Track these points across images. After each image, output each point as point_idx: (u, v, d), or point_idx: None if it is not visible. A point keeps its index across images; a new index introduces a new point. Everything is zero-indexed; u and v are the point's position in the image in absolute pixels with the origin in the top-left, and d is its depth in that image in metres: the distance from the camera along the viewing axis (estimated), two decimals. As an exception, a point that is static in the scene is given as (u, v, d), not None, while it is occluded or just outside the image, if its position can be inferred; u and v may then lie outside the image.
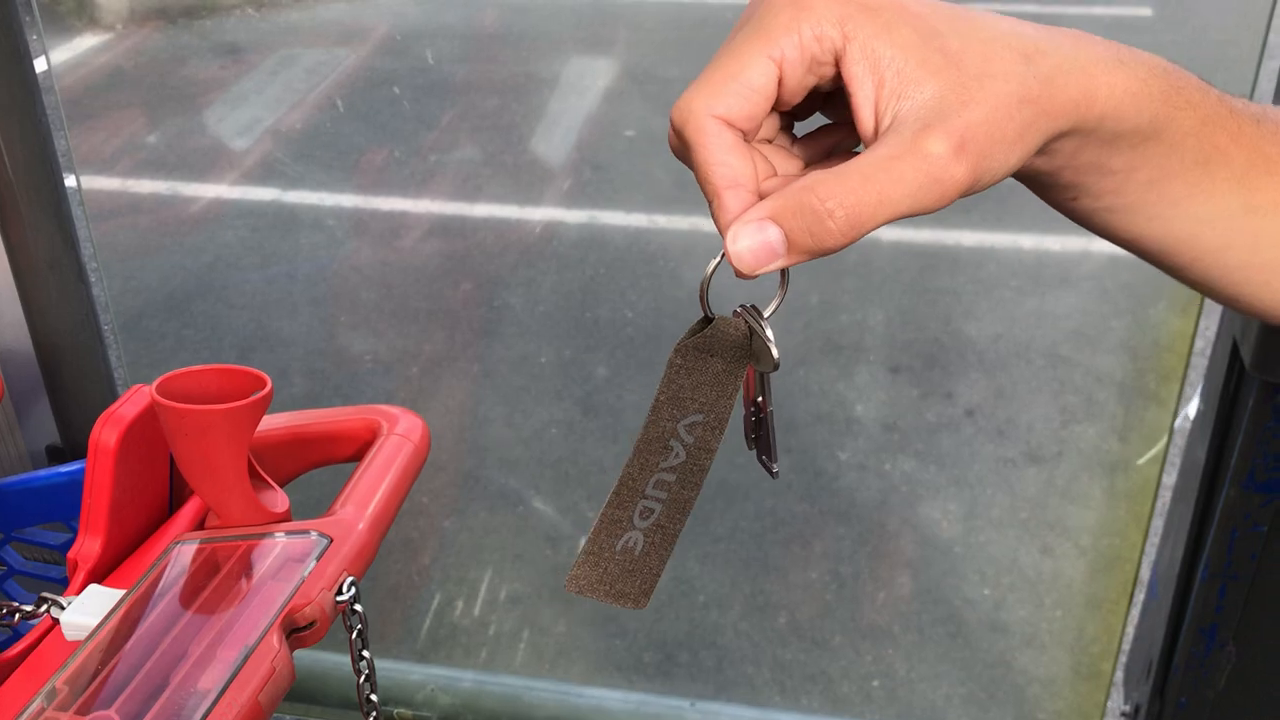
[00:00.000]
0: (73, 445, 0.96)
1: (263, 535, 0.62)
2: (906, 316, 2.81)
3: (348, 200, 3.25)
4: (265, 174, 3.35)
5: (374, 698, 0.64)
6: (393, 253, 3.08)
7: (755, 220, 0.42)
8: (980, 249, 3.10)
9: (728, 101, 0.42)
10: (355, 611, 0.61)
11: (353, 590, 0.61)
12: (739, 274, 0.44)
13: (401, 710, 1.18)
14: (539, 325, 2.83)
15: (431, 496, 2.23)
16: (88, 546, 0.67)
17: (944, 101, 0.42)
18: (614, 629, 2.00)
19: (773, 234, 0.42)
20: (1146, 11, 4.38)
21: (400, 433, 0.72)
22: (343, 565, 0.61)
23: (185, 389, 0.62)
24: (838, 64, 0.42)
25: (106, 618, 0.57)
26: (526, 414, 2.52)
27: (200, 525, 0.71)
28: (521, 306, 2.90)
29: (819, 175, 0.41)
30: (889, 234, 3.13)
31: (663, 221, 3.17)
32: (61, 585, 0.85)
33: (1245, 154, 0.49)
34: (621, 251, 3.14)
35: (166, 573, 0.60)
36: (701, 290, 0.48)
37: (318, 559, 0.61)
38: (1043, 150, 0.46)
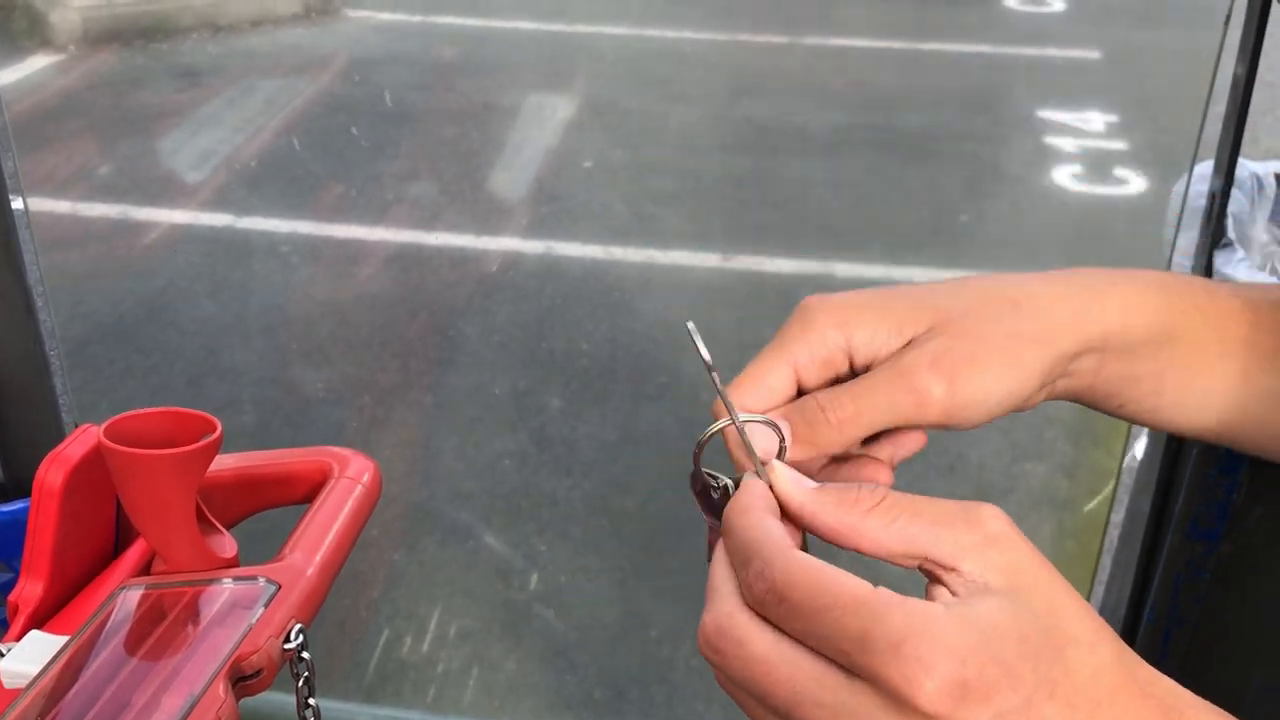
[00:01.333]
0: (16, 482, 0.94)
1: (210, 581, 0.61)
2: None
3: (303, 227, 3.24)
4: (219, 200, 3.32)
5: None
6: (347, 281, 3.06)
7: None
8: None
9: (751, 401, 0.51)
10: (303, 659, 0.60)
11: (300, 638, 0.60)
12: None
13: None
14: (494, 356, 2.82)
15: (381, 529, 2.21)
16: (29, 590, 0.66)
17: (929, 335, 0.50)
18: (564, 664, 1.99)
19: (782, 425, 0.49)
20: (1095, 54, 4.47)
21: (350, 475, 0.71)
22: (291, 612, 0.61)
23: (134, 431, 0.61)
24: (850, 357, 0.50)
25: (48, 665, 0.56)
26: (479, 445, 2.51)
27: (146, 570, 0.70)
28: (477, 336, 2.89)
29: (826, 389, 0.49)
30: (843, 270, 3.16)
31: (619, 253, 3.19)
32: (0, 627, 0.83)
33: (1271, 337, 0.54)
34: (578, 283, 3.14)
35: (111, 619, 0.59)
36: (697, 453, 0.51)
37: (265, 605, 0.60)
38: (1066, 373, 0.52)
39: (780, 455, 0.49)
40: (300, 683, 0.61)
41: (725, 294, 3.06)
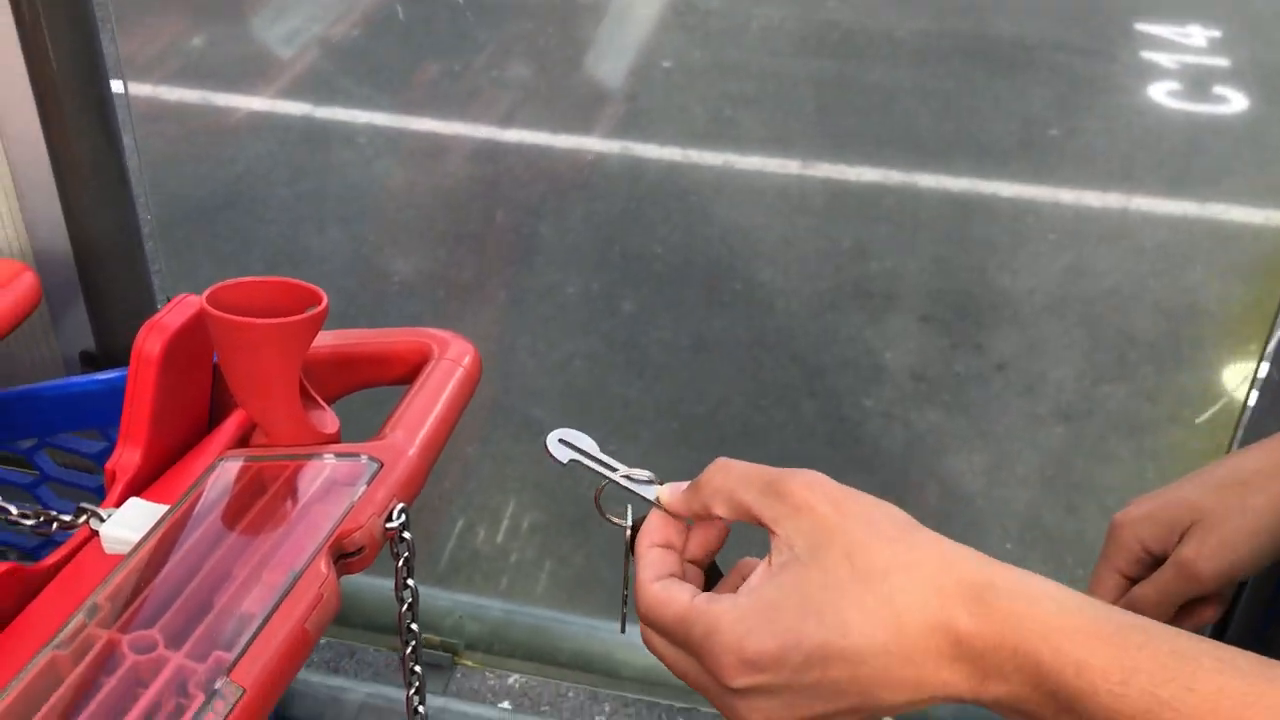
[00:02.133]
0: (107, 352, 0.94)
1: (311, 456, 0.60)
2: (940, 265, 2.77)
3: (380, 119, 3.21)
4: (298, 89, 3.30)
5: (414, 627, 0.63)
6: (423, 174, 3.04)
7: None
8: (1019, 201, 3.04)
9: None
10: (404, 539, 0.59)
11: (402, 517, 0.59)
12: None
13: (429, 636, 1.17)
14: (568, 256, 2.80)
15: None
16: (127, 457, 0.66)
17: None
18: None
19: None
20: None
21: (451, 357, 0.70)
22: (393, 491, 0.59)
23: (236, 300, 0.59)
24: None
25: (149, 534, 0.56)
26: (552, 345, 2.50)
27: (243, 441, 0.70)
28: (551, 236, 2.87)
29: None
30: (927, 181, 3.08)
31: (696, 156, 3.13)
32: (95, 495, 0.83)
33: None
34: (654, 185, 3.10)
35: (210, 490, 0.58)
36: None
37: (368, 483, 0.59)
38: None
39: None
40: (400, 563, 0.60)
41: (803, 201, 3.00)
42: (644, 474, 0.55)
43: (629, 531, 0.54)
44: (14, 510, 0.62)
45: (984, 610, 0.42)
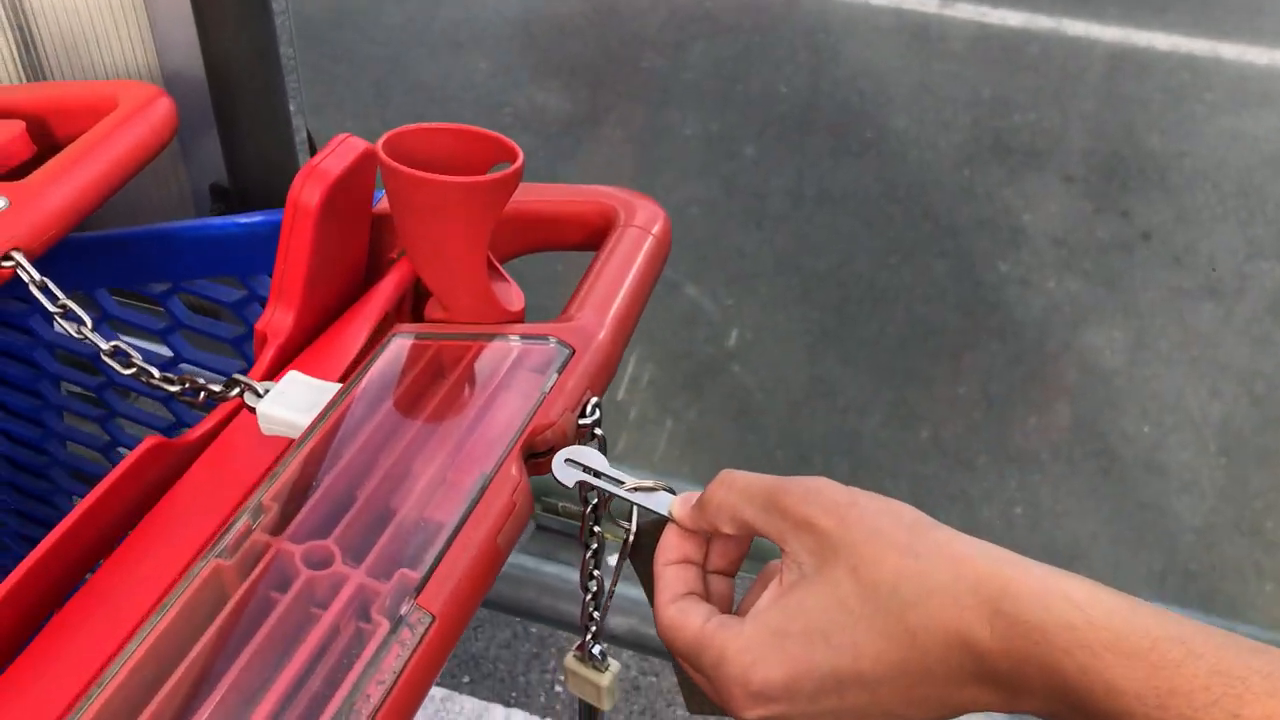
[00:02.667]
0: (240, 187, 0.86)
1: (495, 337, 0.52)
2: (1087, 122, 2.58)
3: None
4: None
5: (599, 529, 0.55)
6: (535, 1, 2.90)
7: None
8: (1175, 54, 2.81)
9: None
10: (595, 435, 0.51)
11: (595, 413, 0.51)
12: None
13: (565, 504, 1.11)
14: (686, 94, 2.66)
15: (566, 265, 2.14)
16: (279, 319, 0.58)
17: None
18: (747, 423, 1.92)
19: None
20: None
21: (639, 224, 0.60)
22: (585, 381, 0.51)
23: (411, 150, 0.51)
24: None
25: (317, 421, 0.48)
26: (667, 189, 2.39)
27: (402, 303, 0.62)
28: (669, 72, 2.72)
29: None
30: (1075, 28, 2.85)
31: (822, -12, 2.94)
32: (232, 345, 0.77)
33: None
34: (779, 20, 2.92)
35: (381, 371, 0.51)
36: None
37: (559, 371, 0.51)
38: None
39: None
40: (589, 462, 0.52)
41: (942, 43, 2.80)
42: (654, 484, 0.49)
43: (630, 538, 0.50)
44: (156, 374, 0.55)
45: (1004, 624, 0.38)
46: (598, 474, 0.48)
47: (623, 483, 0.48)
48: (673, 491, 0.49)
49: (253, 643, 0.39)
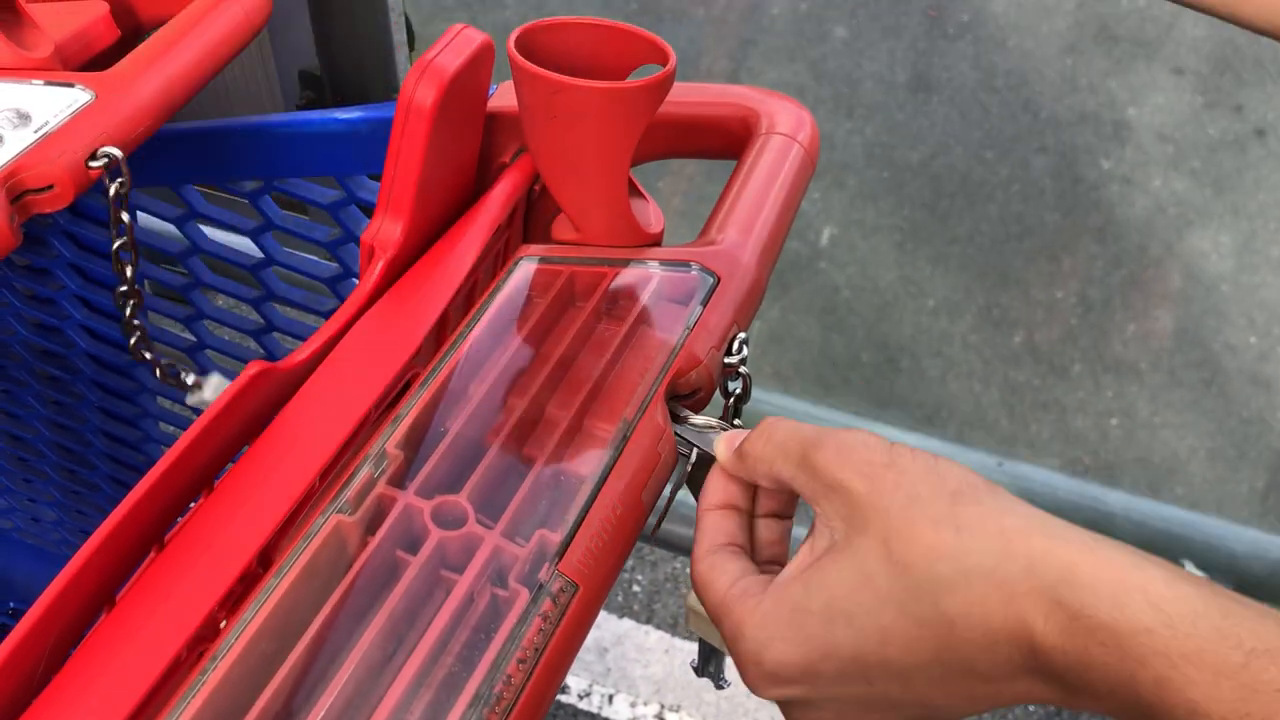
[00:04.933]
0: (332, 74, 0.80)
1: (631, 262, 0.46)
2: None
3: None
4: None
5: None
6: None
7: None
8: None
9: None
10: (741, 375, 0.46)
11: (743, 350, 0.46)
12: None
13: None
14: (773, -29, 2.54)
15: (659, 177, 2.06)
16: (387, 231, 0.53)
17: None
18: (832, 322, 1.86)
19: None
20: None
21: (784, 131, 0.54)
22: (732, 314, 0.46)
23: (546, 48, 0.45)
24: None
25: (439, 358, 0.43)
26: (753, 73, 2.29)
27: (513, 217, 0.57)
28: (756, -54, 2.59)
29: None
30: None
31: None
32: (329, 250, 0.72)
33: None
34: (872, -107, 2.76)
35: (508, 299, 0.46)
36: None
37: (704, 303, 0.45)
38: None
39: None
40: (731, 400, 0.47)
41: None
42: (709, 421, 0.44)
43: (689, 466, 0.44)
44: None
45: (1064, 618, 0.32)
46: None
47: (682, 417, 0.43)
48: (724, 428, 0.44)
49: (380, 612, 0.35)
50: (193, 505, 0.44)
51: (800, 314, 1.86)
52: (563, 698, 1.45)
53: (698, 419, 0.44)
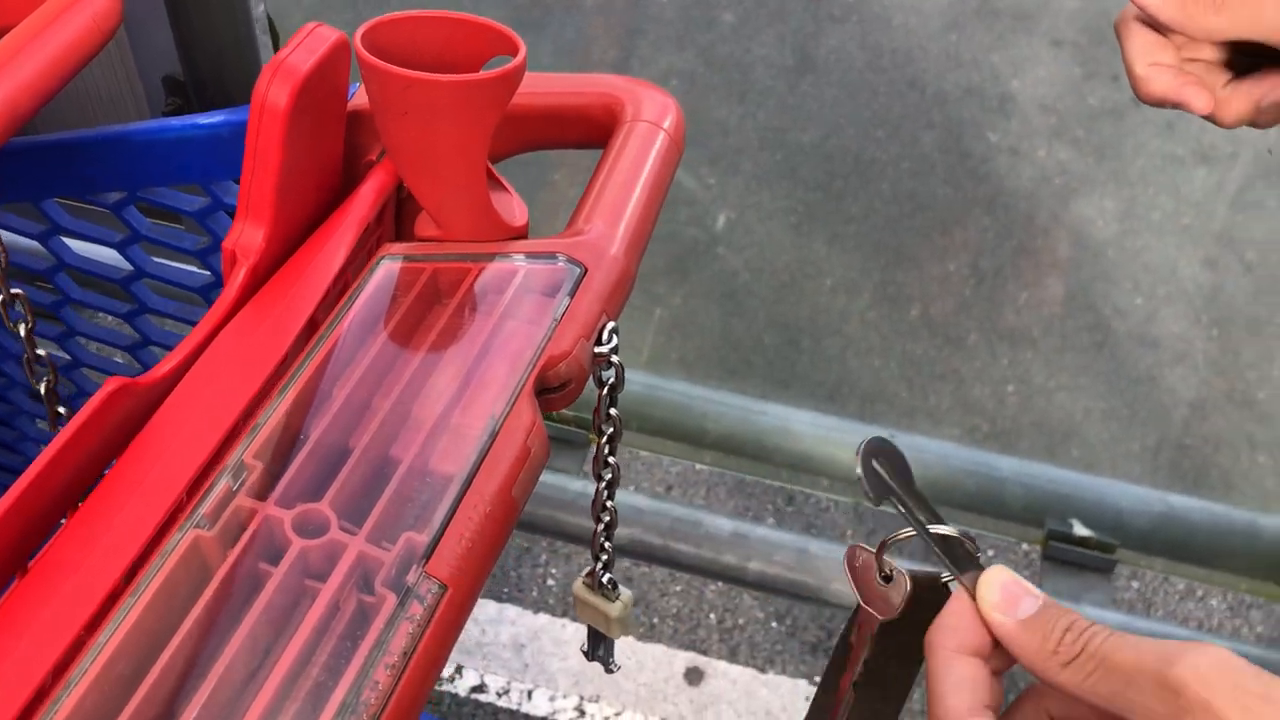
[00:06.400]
0: (197, 79, 0.79)
1: (497, 256, 0.46)
2: (1077, -19, 2.49)
3: None
4: None
5: (613, 460, 0.51)
6: None
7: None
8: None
9: None
10: (612, 364, 0.46)
11: (613, 339, 0.46)
12: None
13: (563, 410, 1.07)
14: (660, -43, 2.54)
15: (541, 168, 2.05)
16: (249, 236, 0.52)
17: None
18: (732, 306, 1.87)
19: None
20: None
21: (649, 118, 0.54)
22: (600, 303, 0.46)
23: (393, 44, 0.44)
24: None
25: (303, 359, 0.43)
26: (644, 62, 2.29)
27: (383, 213, 0.56)
28: (641, -65, 2.59)
29: None
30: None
31: None
32: (199, 259, 0.71)
33: None
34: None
35: (369, 300, 0.45)
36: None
37: (571, 294, 0.45)
38: None
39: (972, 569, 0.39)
40: (604, 390, 0.47)
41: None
42: (954, 531, 0.39)
43: (905, 598, 0.39)
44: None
45: None
46: (901, 498, 0.39)
47: (922, 522, 0.39)
48: (975, 552, 0.39)
49: (242, 626, 0.35)
50: (61, 525, 0.43)
51: (701, 300, 1.87)
52: (481, 697, 1.44)
53: (946, 528, 0.39)
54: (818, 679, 1.51)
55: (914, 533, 0.39)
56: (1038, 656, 0.36)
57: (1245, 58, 0.52)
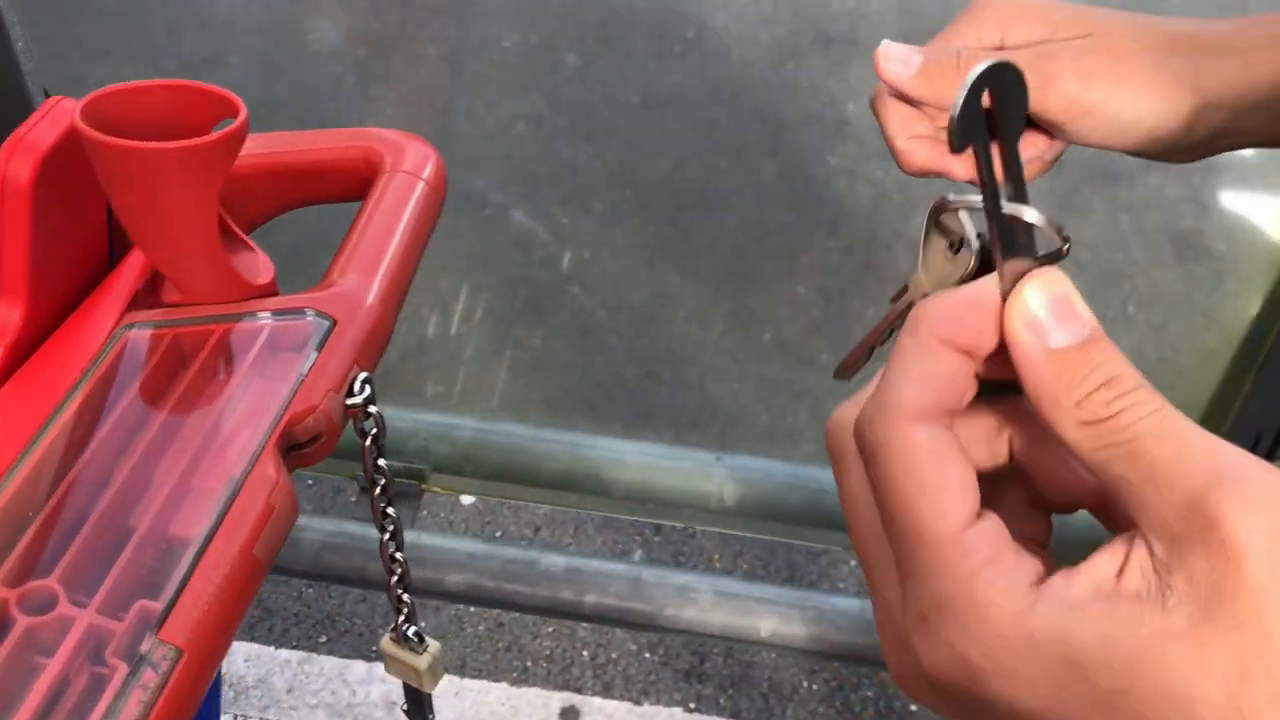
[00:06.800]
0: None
1: (242, 316, 0.46)
2: (903, 6, 2.58)
3: None
4: None
5: (391, 511, 0.51)
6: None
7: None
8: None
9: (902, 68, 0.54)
10: (370, 414, 0.47)
11: (366, 389, 0.46)
12: None
13: (390, 461, 1.06)
14: (501, 5, 2.56)
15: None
16: (4, 315, 0.51)
17: (1081, 39, 0.53)
18: (591, 344, 1.89)
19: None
20: None
21: (408, 168, 0.55)
22: (351, 355, 0.46)
23: (123, 112, 0.44)
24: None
25: (38, 433, 0.42)
26: (490, 107, 2.31)
27: (155, 288, 0.56)
28: (481, -18, 2.62)
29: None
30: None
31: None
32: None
33: None
34: (590, -79, 2.82)
35: (114, 368, 0.45)
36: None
37: (319, 348, 0.46)
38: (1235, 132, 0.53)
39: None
40: (369, 441, 0.48)
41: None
42: (1031, 217, 0.29)
43: (973, 258, 0.32)
44: None
45: None
46: (986, 153, 0.29)
47: (996, 192, 0.30)
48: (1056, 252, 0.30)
49: (-37, 711, 0.34)
50: None
51: (560, 339, 1.88)
52: (353, 759, 1.42)
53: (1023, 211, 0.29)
54: (693, 705, 1.52)
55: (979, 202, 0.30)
56: (1052, 401, 0.27)
57: None
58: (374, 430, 0.48)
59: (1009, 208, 0.29)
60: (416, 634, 0.57)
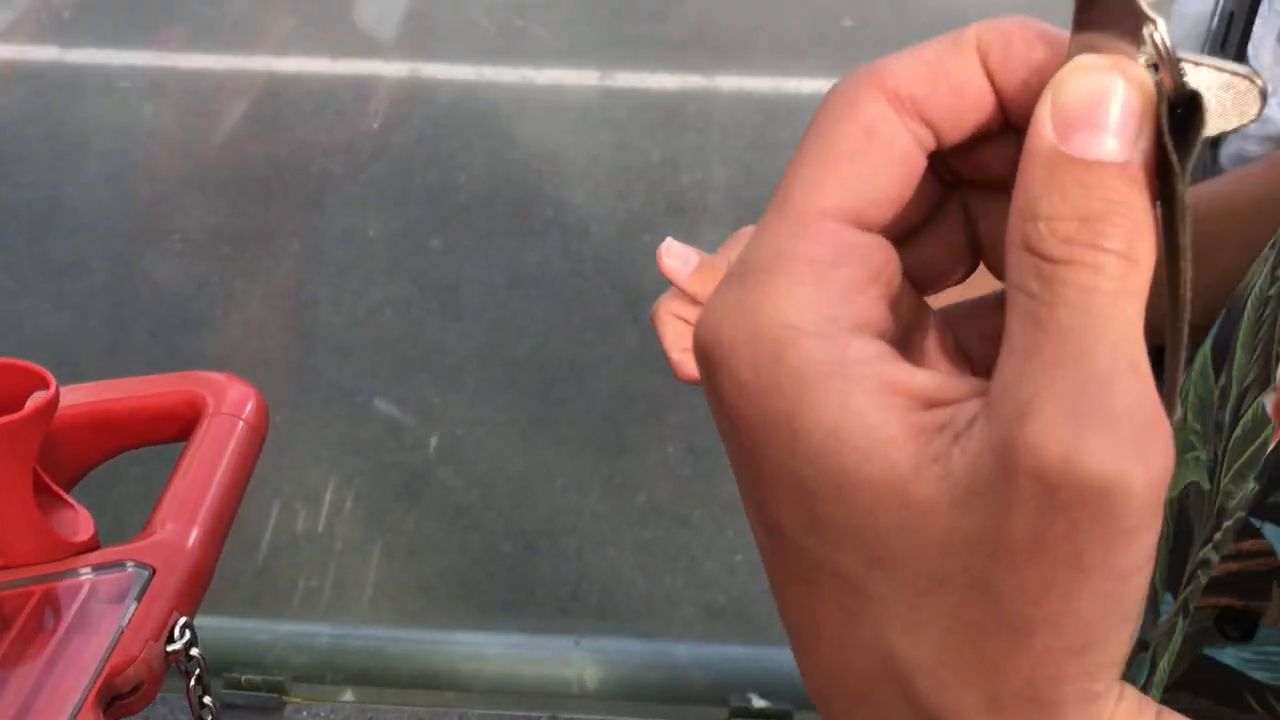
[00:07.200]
0: None
1: (62, 575, 0.49)
2: (749, 173, 2.73)
3: (140, 59, 2.94)
4: (41, 30, 2.99)
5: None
6: (196, 119, 2.81)
7: None
8: (819, 97, 3.01)
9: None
10: (192, 657, 0.49)
11: (186, 634, 0.49)
12: None
13: (249, 676, 1.06)
14: (364, 195, 2.64)
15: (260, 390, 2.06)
16: None
17: None
18: (467, 522, 1.91)
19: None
20: None
21: (228, 410, 0.59)
22: (171, 602, 0.49)
23: (-61, 392, 0.47)
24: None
25: None
26: (357, 295, 2.36)
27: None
28: (343, 174, 2.69)
29: None
30: (728, 83, 3.01)
31: (490, 74, 2.98)
32: None
33: None
34: (448, 109, 2.94)
35: (-64, 635, 0.47)
36: None
37: (138, 598, 0.49)
38: None
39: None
40: (192, 682, 0.50)
41: (606, 114, 2.90)
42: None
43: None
44: None
45: None
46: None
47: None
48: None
49: None
50: None
51: (435, 521, 1.89)
52: None
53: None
54: None
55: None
56: (1018, 208, 0.20)
57: None
58: (197, 670, 0.50)
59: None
60: None
